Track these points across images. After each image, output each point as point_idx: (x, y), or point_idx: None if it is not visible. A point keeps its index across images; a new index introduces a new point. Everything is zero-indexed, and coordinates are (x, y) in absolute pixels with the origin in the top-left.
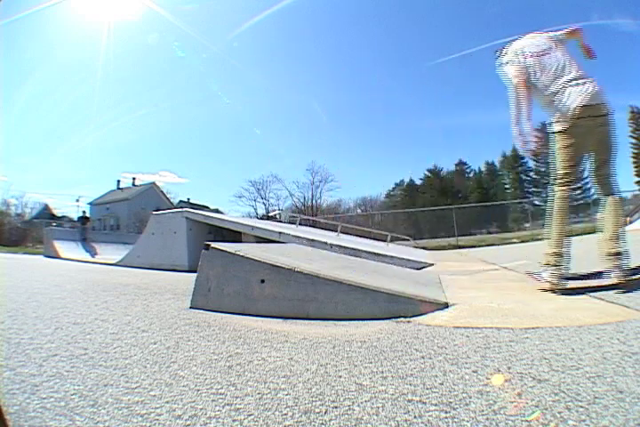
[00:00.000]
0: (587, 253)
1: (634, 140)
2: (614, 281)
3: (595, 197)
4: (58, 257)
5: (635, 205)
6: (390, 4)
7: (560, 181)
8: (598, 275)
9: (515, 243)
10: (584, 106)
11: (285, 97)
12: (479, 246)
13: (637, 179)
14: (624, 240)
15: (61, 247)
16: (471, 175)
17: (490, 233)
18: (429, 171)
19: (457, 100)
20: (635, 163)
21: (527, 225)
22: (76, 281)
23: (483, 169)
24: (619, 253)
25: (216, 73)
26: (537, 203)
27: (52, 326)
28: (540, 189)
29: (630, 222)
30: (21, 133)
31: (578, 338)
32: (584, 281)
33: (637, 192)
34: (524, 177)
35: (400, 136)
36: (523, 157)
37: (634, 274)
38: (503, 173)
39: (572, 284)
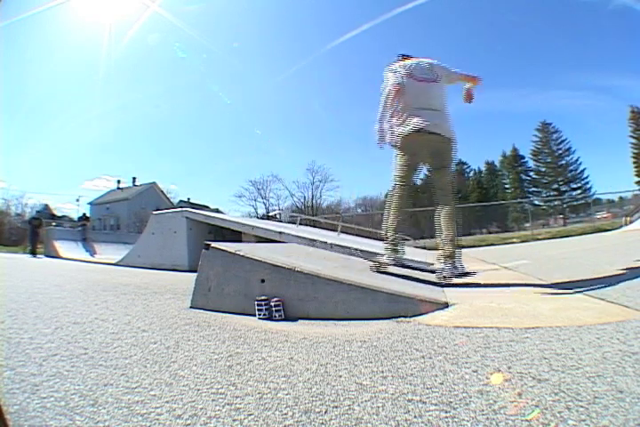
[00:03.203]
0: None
1: (634, 141)
2: (441, 280)
3: (594, 197)
4: (58, 257)
5: (635, 205)
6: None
7: (397, 182)
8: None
9: (515, 243)
10: (418, 130)
11: (285, 97)
12: (479, 246)
13: (637, 179)
14: (456, 244)
15: (61, 247)
16: (471, 175)
17: (490, 233)
18: (429, 171)
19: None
20: (635, 163)
21: (527, 225)
22: (76, 281)
23: (483, 169)
24: (451, 256)
25: (216, 73)
26: (537, 203)
27: (52, 325)
28: (539, 189)
29: (630, 222)
30: (22, 135)
31: (578, 338)
32: (415, 271)
33: (637, 192)
34: (523, 177)
35: None
36: (523, 157)
37: (459, 276)
38: (503, 173)
39: (400, 271)
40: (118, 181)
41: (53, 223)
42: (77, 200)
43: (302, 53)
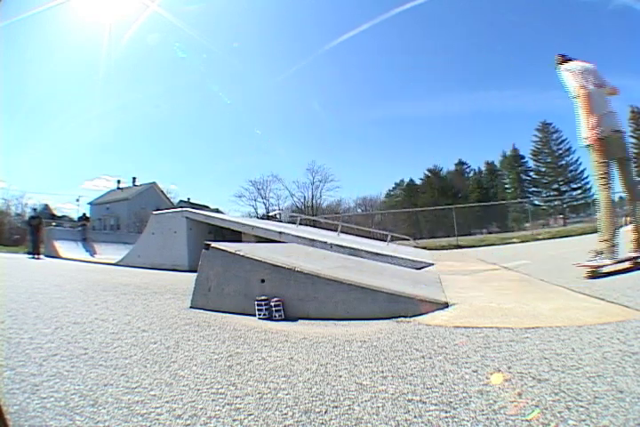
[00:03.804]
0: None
1: (634, 140)
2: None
3: (595, 197)
4: (58, 257)
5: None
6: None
7: (601, 180)
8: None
9: (515, 243)
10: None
11: (285, 97)
12: (479, 246)
13: (637, 178)
14: None
15: (61, 247)
16: (471, 175)
17: (490, 233)
18: (429, 171)
19: (457, 99)
20: (635, 163)
21: (527, 225)
22: (76, 281)
23: (483, 169)
24: None
25: (216, 73)
26: (537, 203)
27: (52, 325)
28: (540, 189)
29: (630, 222)
30: (22, 135)
31: (578, 338)
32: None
33: None
34: (523, 177)
35: (400, 136)
36: (523, 157)
37: None
38: (503, 173)
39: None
40: (118, 181)
41: (53, 223)
42: (77, 200)
43: (302, 53)
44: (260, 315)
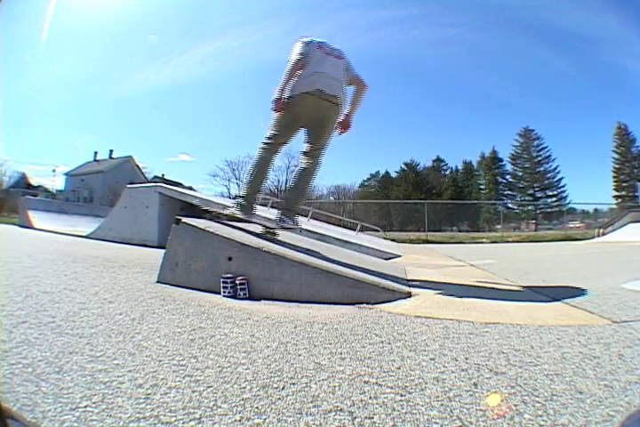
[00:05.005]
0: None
1: (616, 155)
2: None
3: (569, 205)
4: (31, 227)
5: (609, 218)
6: None
7: (267, 142)
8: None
9: (484, 243)
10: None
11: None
12: (448, 243)
13: (615, 193)
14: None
15: (35, 217)
16: (447, 173)
17: (460, 231)
18: (406, 164)
19: (439, 96)
20: (614, 177)
21: (498, 226)
22: (48, 252)
23: (460, 167)
24: (288, 210)
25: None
26: (510, 206)
27: (23, 293)
28: (514, 193)
29: (603, 234)
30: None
31: (538, 337)
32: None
33: (614, 206)
34: (499, 179)
35: (379, 128)
36: (501, 160)
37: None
38: (480, 174)
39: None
40: (95, 153)
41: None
42: (53, 171)
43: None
44: (224, 292)
